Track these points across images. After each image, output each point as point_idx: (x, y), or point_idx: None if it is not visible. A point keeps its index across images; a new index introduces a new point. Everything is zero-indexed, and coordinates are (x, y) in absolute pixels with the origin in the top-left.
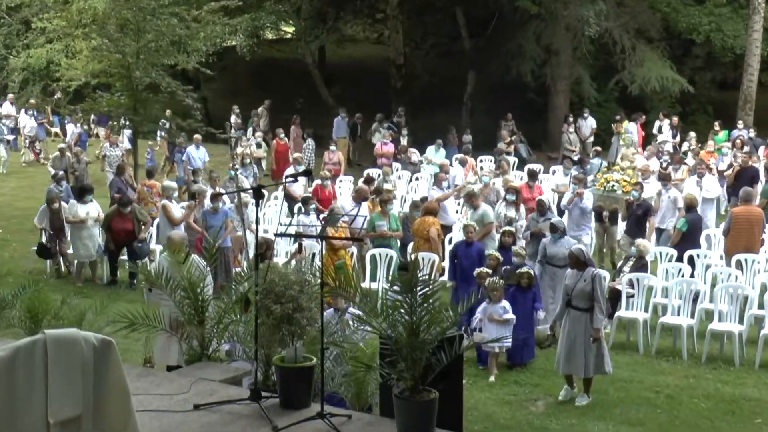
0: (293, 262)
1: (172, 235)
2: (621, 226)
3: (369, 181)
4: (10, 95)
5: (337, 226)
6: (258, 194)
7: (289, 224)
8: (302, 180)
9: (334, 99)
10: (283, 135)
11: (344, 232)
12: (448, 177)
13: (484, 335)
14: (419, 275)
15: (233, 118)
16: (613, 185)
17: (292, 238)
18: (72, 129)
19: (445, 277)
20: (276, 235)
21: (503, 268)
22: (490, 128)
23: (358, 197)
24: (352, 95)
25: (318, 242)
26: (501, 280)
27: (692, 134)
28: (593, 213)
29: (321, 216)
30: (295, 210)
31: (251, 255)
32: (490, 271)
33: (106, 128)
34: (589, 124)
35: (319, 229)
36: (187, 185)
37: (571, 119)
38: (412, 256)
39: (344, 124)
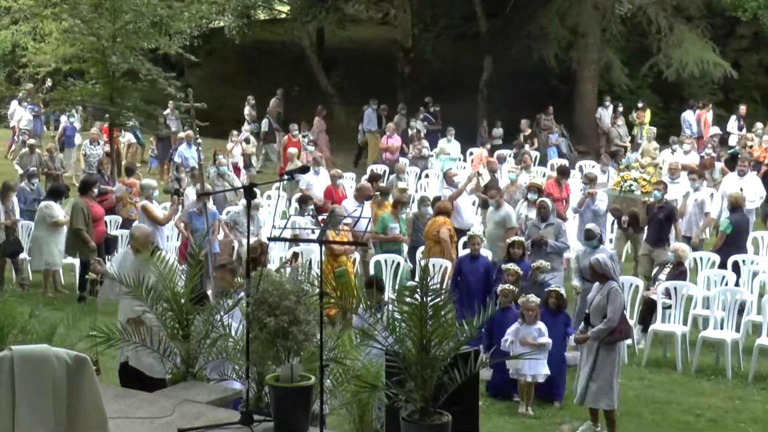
0: (288, 269)
1: (135, 231)
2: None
3: (374, 179)
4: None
5: (339, 229)
6: (249, 194)
7: (284, 227)
8: (322, 180)
9: (334, 87)
10: (296, 131)
11: (346, 235)
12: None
13: (514, 362)
14: (430, 283)
15: (247, 110)
16: (631, 185)
17: (287, 243)
18: (64, 121)
19: None
20: (269, 239)
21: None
22: (508, 119)
23: (361, 196)
24: (354, 83)
25: (317, 247)
26: (530, 296)
27: (758, 125)
28: (613, 218)
29: (320, 217)
30: (291, 212)
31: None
32: (515, 288)
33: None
34: (611, 113)
35: (317, 232)
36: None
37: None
38: (422, 262)
39: (375, 116)
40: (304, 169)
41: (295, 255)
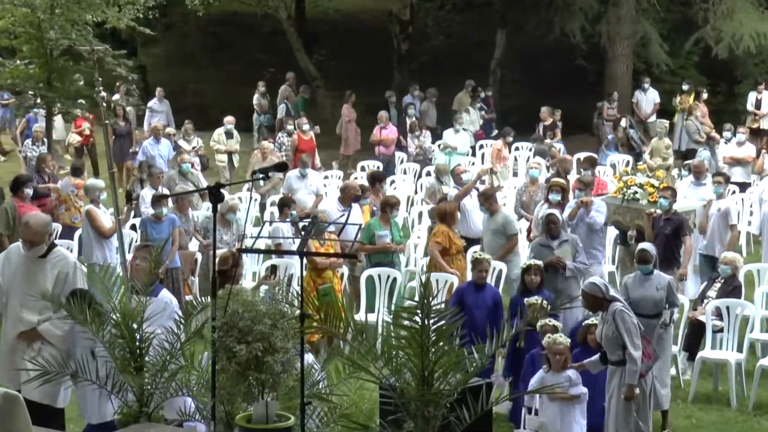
0: (263, 287)
1: (30, 218)
2: None
3: (377, 179)
4: None
5: (323, 239)
6: (216, 196)
7: (258, 235)
8: (309, 184)
9: (317, 67)
10: (307, 125)
11: (332, 246)
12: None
13: (543, 420)
14: (433, 303)
15: (256, 98)
16: (636, 192)
17: (262, 256)
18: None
19: None
20: (240, 250)
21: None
22: (525, 106)
23: (346, 198)
24: (341, 62)
25: (298, 259)
26: (557, 335)
27: None
28: (615, 232)
29: (300, 224)
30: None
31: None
32: (558, 324)
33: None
34: (650, 98)
35: (298, 241)
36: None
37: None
38: (423, 277)
39: (417, 102)
40: (280, 167)
41: (273, 269)
